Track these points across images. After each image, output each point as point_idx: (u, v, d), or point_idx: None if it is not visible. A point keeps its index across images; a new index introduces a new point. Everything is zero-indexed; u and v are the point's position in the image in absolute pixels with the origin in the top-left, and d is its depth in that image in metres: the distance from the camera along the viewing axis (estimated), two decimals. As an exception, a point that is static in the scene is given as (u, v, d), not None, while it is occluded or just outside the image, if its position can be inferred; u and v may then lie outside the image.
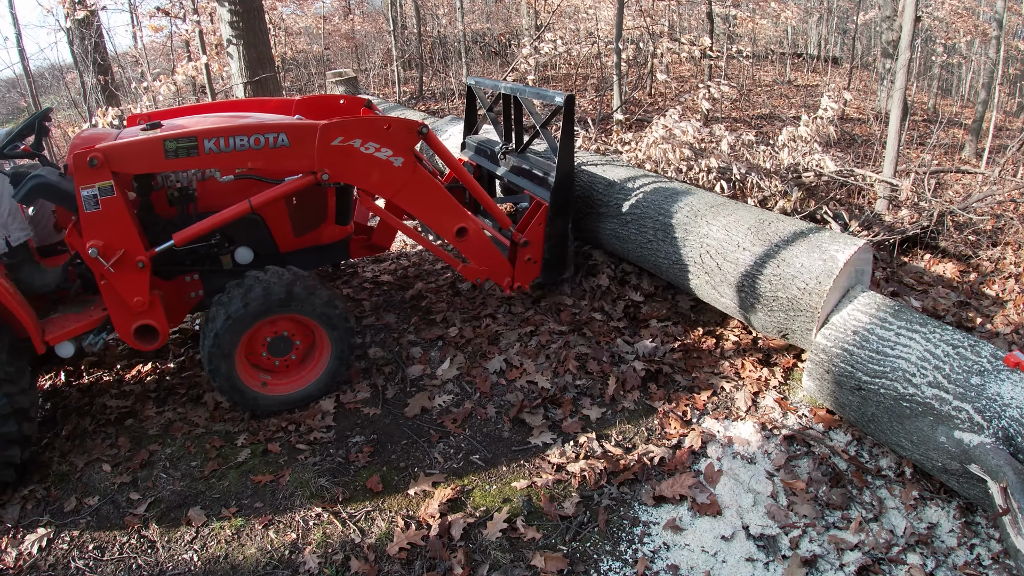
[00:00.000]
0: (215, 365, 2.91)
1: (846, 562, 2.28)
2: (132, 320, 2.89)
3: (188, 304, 3.31)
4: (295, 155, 2.83)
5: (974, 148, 10.63)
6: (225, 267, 3.28)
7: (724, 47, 13.80)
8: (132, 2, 10.91)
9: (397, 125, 2.94)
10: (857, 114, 12.56)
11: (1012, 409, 2.20)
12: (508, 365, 3.39)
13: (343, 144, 2.87)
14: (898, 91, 4.60)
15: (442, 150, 3.24)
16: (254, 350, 3.07)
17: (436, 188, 3.15)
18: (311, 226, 3.40)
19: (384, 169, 2.97)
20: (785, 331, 2.97)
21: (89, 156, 2.57)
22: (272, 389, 3.11)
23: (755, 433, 2.86)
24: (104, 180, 2.63)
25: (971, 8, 13.44)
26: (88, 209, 2.64)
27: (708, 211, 3.37)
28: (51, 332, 2.86)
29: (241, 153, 2.77)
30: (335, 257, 3.71)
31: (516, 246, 3.49)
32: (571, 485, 2.64)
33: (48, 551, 2.54)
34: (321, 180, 2.90)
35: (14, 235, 2.90)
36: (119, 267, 2.73)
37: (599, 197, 3.94)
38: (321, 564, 2.38)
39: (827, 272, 2.71)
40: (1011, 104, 17.30)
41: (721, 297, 3.23)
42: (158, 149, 2.68)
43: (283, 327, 3.06)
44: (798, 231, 2.99)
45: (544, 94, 3.47)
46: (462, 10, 14.98)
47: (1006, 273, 3.97)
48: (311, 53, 15.42)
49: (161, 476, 2.86)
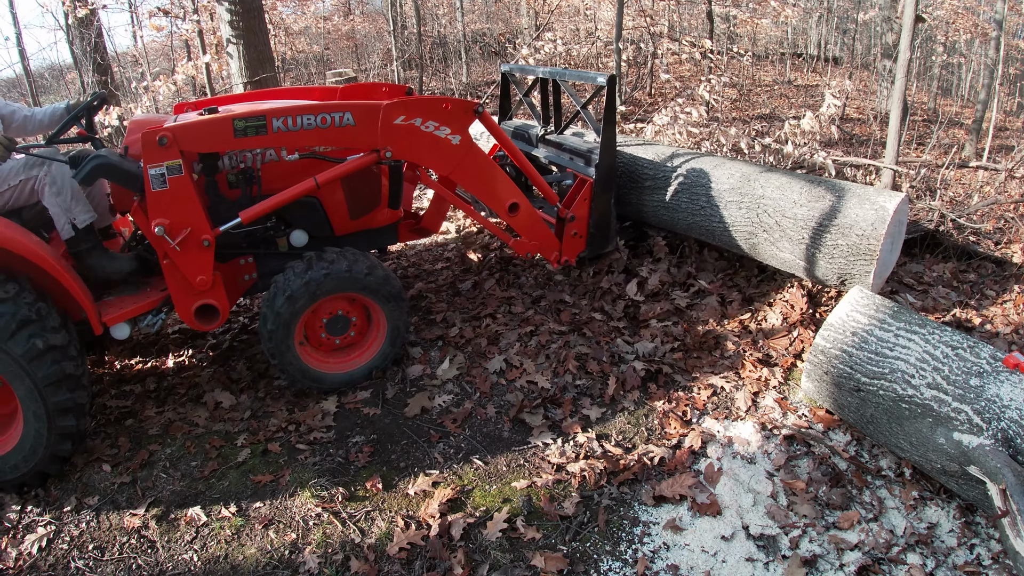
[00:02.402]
0: (277, 345, 3.00)
1: (846, 562, 2.28)
2: (193, 300, 2.95)
3: (242, 287, 3.37)
4: (360, 133, 2.92)
5: (974, 148, 10.63)
6: (281, 250, 3.35)
7: (724, 47, 13.80)
8: (132, 2, 10.91)
9: (455, 105, 3.04)
10: (857, 114, 12.56)
11: (1011, 411, 2.20)
12: (508, 365, 3.39)
13: (405, 123, 2.96)
14: (898, 91, 4.60)
15: (496, 129, 3.37)
16: (313, 330, 3.17)
17: (491, 165, 3.28)
18: (366, 209, 3.48)
19: (443, 147, 3.07)
20: (845, 276, 3.19)
21: (159, 135, 2.64)
22: (335, 366, 3.23)
23: (755, 433, 2.86)
24: (172, 159, 2.69)
25: (971, 8, 13.43)
26: (155, 188, 2.70)
27: (759, 176, 3.55)
28: (108, 313, 2.89)
29: (308, 132, 2.85)
30: (385, 240, 3.80)
31: (562, 221, 3.61)
32: (571, 485, 2.64)
33: (48, 551, 2.54)
34: (384, 157, 3.00)
35: (79, 218, 2.94)
36: (184, 246, 2.80)
37: (644, 171, 4.06)
38: (321, 564, 2.38)
39: (880, 219, 2.98)
40: (1011, 104, 17.30)
41: (780, 252, 3.40)
42: (227, 128, 2.74)
43: (339, 306, 3.17)
44: (845, 188, 3.23)
45: (585, 75, 3.65)
46: (462, 10, 14.98)
47: (1006, 273, 3.97)
48: (311, 53, 15.42)
49: (161, 476, 2.86)
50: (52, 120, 3.33)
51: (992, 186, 5.88)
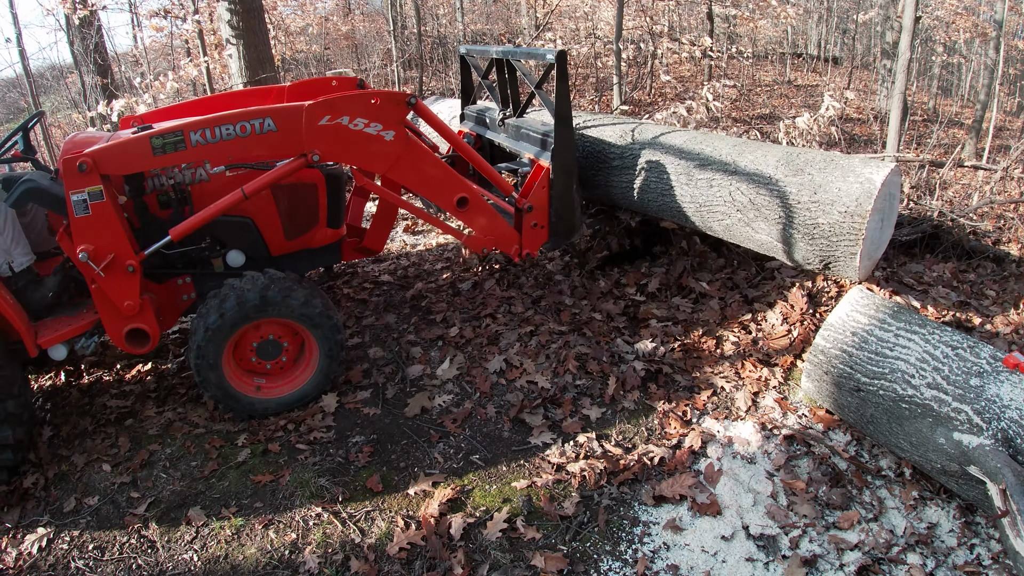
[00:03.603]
0: (204, 376, 2.96)
1: (846, 562, 2.28)
2: (123, 324, 2.90)
3: (181, 307, 3.32)
4: (283, 139, 2.81)
5: (974, 148, 10.63)
6: (217, 270, 3.27)
7: (724, 47, 13.80)
8: (132, 2, 10.91)
9: (385, 98, 2.89)
10: (857, 114, 12.56)
11: (1011, 411, 2.20)
12: (508, 365, 3.39)
13: (331, 123, 2.82)
14: (898, 91, 4.60)
15: (434, 120, 3.18)
16: (243, 356, 3.09)
17: (431, 160, 3.09)
18: (303, 229, 3.38)
19: (375, 144, 2.92)
20: (828, 259, 2.92)
21: (78, 161, 2.59)
22: (267, 392, 3.13)
23: (755, 433, 2.86)
24: (93, 184, 2.64)
25: (971, 7, 13.44)
26: (78, 214, 2.65)
27: (732, 150, 3.31)
28: (44, 335, 2.87)
29: (228, 142, 2.76)
30: (328, 260, 3.71)
31: (520, 212, 3.39)
32: (571, 485, 2.64)
33: (48, 551, 2.54)
34: (312, 161, 2.88)
35: (17, 260, 2.91)
36: (109, 271, 2.75)
37: (611, 151, 3.82)
38: (321, 564, 2.38)
39: (866, 194, 2.70)
40: (1011, 104, 17.29)
41: (756, 234, 3.16)
42: (145, 147, 2.68)
43: (268, 331, 3.07)
44: (827, 159, 2.95)
45: (535, 53, 3.42)
46: (462, 10, 14.97)
47: (1006, 273, 3.97)
48: (310, 53, 15.42)
49: (161, 476, 2.86)
50: None
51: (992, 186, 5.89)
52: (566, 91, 3.21)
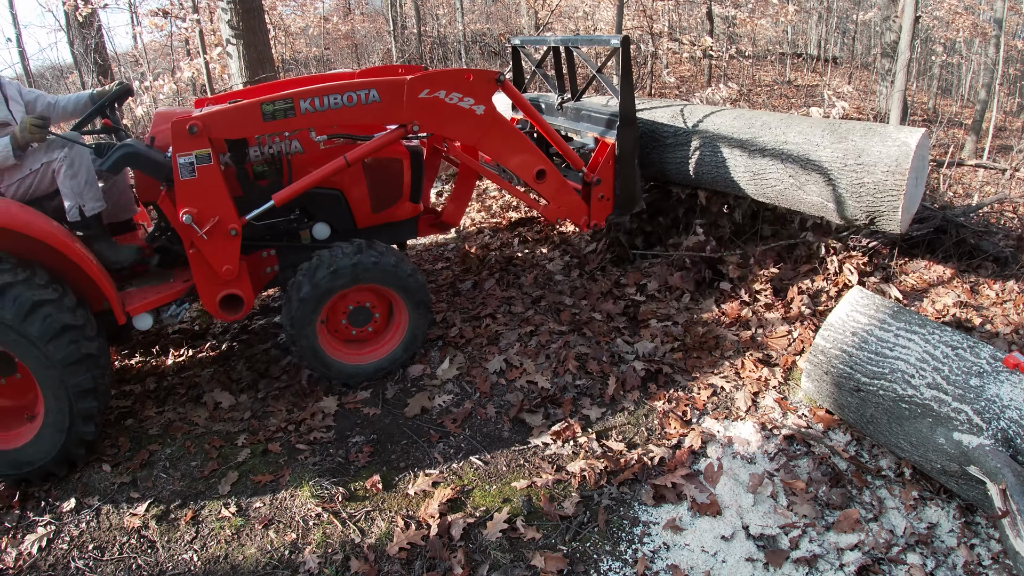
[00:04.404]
0: (299, 345, 3.05)
1: (846, 562, 2.28)
2: (219, 289, 2.97)
3: (264, 279, 3.39)
4: (386, 109, 2.95)
5: (974, 148, 10.63)
6: (303, 242, 3.36)
7: (724, 47, 13.80)
8: (132, 2, 10.91)
9: (478, 75, 3.07)
10: (857, 114, 12.56)
11: (1011, 411, 2.20)
12: (508, 365, 3.39)
13: (430, 96, 2.98)
14: (898, 91, 4.60)
15: (519, 98, 3.39)
16: (336, 324, 3.20)
17: (516, 133, 3.30)
18: (388, 202, 3.50)
19: (469, 117, 3.10)
20: (874, 214, 3.20)
21: (189, 124, 2.66)
22: (359, 358, 3.26)
23: (755, 433, 2.86)
24: (202, 148, 2.71)
25: (970, 7, 13.44)
26: (184, 176, 2.73)
27: (779, 123, 3.57)
28: (131, 303, 2.90)
29: (336, 111, 2.87)
30: (406, 234, 3.82)
31: (589, 186, 3.62)
32: (571, 485, 2.64)
33: (48, 551, 2.54)
34: (412, 131, 3.02)
35: (88, 205, 2.93)
36: (212, 234, 2.82)
37: (664, 130, 4.04)
38: (321, 564, 2.38)
39: (904, 155, 3.01)
40: (1011, 104, 17.30)
41: (807, 196, 3.41)
42: (256, 113, 2.76)
43: (358, 298, 3.19)
44: (866, 128, 3.24)
45: (598, 39, 3.69)
46: (462, 10, 14.98)
47: (1006, 273, 3.97)
48: (310, 54, 15.42)
49: (161, 476, 2.86)
50: (76, 108, 3.33)
51: (992, 185, 5.88)
52: (630, 72, 3.47)
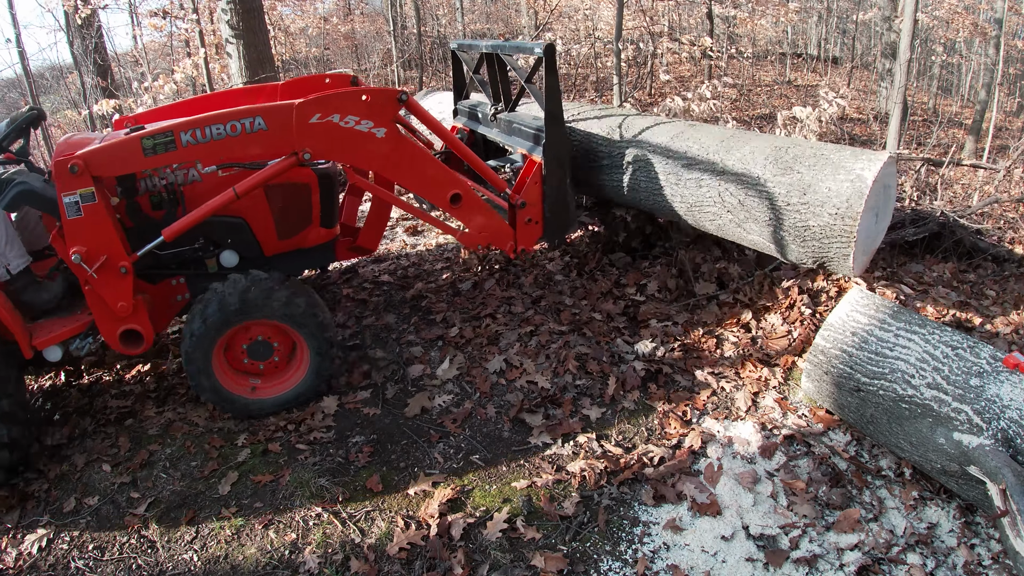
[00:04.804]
0: (196, 380, 2.98)
1: (846, 562, 2.28)
2: (117, 325, 2.90)
3: (175, 307, 3.32)
4: (274, 137, 2.80)
5: (974, 148, 10.63)
6: (211, 271, 3.27)
7: (724, 47, 13.81)
8: (132, 2, 10.91)
9: (375, 95, 2.87)
10: (857, 114, 12.56)
11: (1011, 411, 2.20)
12: (508, 365, 3.39)
13: (322, 121, 2.79)
14: (898, 91, 4.60)
15: (425, 116, 3.15)
16: (236, 357, 3.09)
17: (424, 156, 3.06)
18: (296, 229, 3.37)
19: (367, 142, 2.89)
20: (822, 260, 2.85)
21: (69, 163, 2.59)
22: (262, 392, 3.14)
23: (755, 433, 2.86)
24: (85, 186, 2.64)
25: (970, 7, 13.44)
26: (70, 216, 2.66)
27: (719, 146, 3.22)
28: (39, 337, 2.87)
29: (219, 142, 2.74)
30: (321, 260, 3.70)
31: (514, 208, 3.38)
32: (571, 485, 2.64)
33: (48, 551, 2.54)
34: (303, 159, 2.87)
35: (13, 263, 2.91)
36: (102, 273, 2.75)
37: (599, 149, 3.76)
38: (321, 564, 2.38)
39: (857, 193, 2.58)
40: (1011, 104, 17.30)
41: (748, 234, 3.12)
42: (136, 148, 2.68)
43: (258, 332, 3.07)
44: (818, 153, 2.84)
45: (523, 47, 3.40)
46: (462, 10, 14.98)
47: (1006, 273, 3.97)
48: (310, 54, 15.42)
49: (161, 476, 2.86)
50: None
51: (992, 185, 5.89)
52: (556, 85, 3.20)
